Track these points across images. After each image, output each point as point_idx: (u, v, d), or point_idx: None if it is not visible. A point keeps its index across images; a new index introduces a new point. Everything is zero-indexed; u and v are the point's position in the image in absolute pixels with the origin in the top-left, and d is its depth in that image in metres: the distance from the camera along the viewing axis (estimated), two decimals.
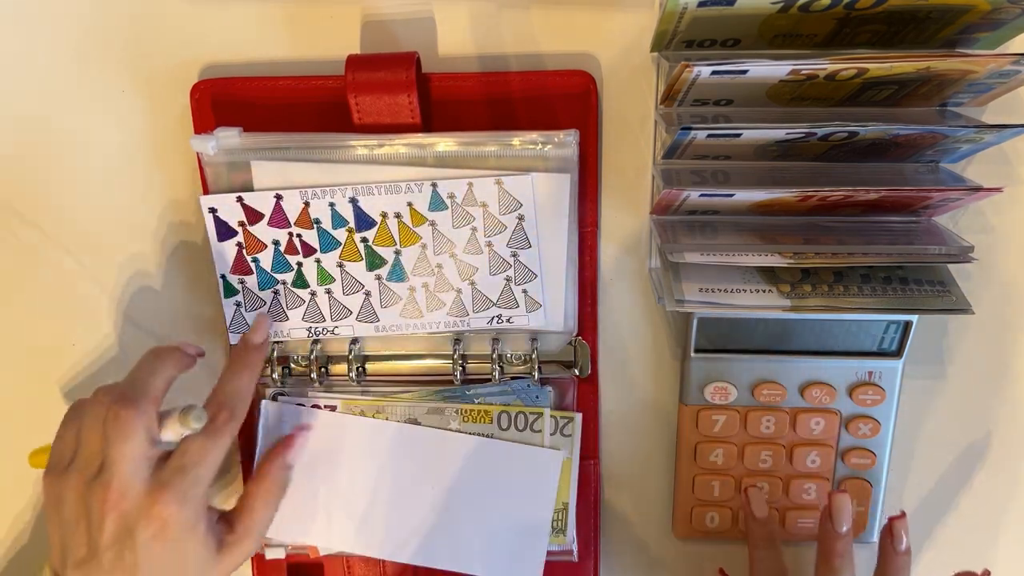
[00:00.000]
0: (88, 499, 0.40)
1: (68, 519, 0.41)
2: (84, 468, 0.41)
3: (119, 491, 0.40)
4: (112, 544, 0.40)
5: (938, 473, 0.51)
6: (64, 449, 0.42)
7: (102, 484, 0.40)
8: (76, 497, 0.41)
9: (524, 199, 0.44)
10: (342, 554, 0.51)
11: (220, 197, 0.45)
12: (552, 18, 0.45)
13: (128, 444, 0.40)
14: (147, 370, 0.43)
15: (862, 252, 0.41)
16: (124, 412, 0.40)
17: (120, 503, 0.40)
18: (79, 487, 0.41)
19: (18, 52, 0.47)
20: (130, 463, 0.40)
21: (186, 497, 0.41)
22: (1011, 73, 0.38)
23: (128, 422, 0.40)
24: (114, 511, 0.40)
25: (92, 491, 0.40)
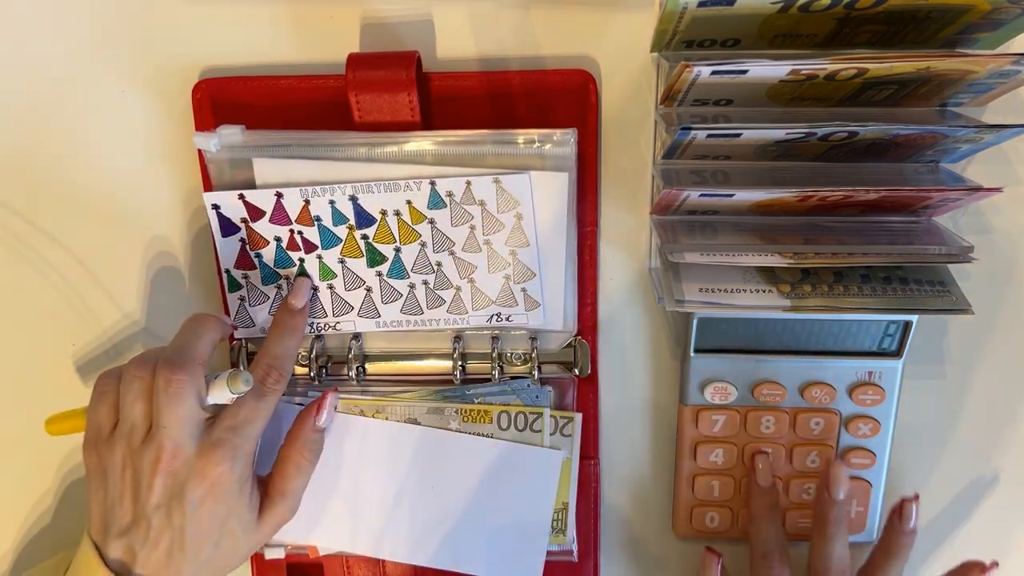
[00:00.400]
0: (137, 464, 0.41)
1: (114, 486, 0.42)
2: (131, 434, 0.41)
3: (171, 451, 0.41)
4: (161, 505, 0.41)
5: (938, 473, 0.51)
6: (102, 420, 0.42)
7: (154, 447, 0.41)
8: (123, 463, 0.42)
9: (522, 198, 0.44)
10: (342, 554, 0.51)
11: (222, 194, 0.45)
12: (552, 18, 0.45)
13: (180, 406, 0.41)
14: (192, 335, 0.44)
15: (862, 252, 0.41)
16: (175, 376, 0.41)
17: (172, 463, 0.41)
18: (126, 453, 0.41)
19: (18, 52, 0.47)
20: (182, 425, 0.41)
21: (236, 456, 0.42)
22: (1011, 73, 0.38)
23: (180, 385, 0.41)
24: (165, 471, 0.41)
25: (142, 455, 0.41)
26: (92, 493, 0.43)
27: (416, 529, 0.49)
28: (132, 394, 0.42)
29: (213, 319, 0.45)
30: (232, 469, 0.42)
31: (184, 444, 0.41)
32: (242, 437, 0.42)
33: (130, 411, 0.42)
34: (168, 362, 0.41)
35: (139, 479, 0.41)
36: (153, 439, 0.41)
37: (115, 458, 0.42)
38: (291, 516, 0.46)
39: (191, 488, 0.41)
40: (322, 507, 0.49)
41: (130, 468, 0.41)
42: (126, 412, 0.42)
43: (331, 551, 0.51)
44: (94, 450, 0.43)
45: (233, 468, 0.42)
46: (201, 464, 0.41)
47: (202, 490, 0.41)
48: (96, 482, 0.43)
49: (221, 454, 0.42)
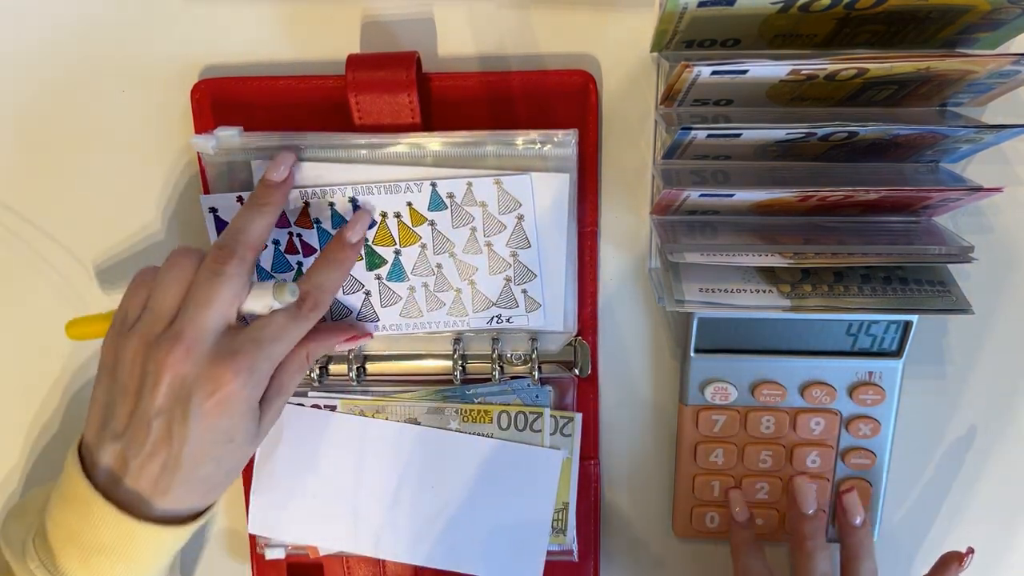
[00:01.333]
0: (148, 357, 0.38)
1: (120, 381, 0.38)
2: (152, 324, 0.38)
3: (185, 348, 0.37)
4: (163, 411, 0.38)
5: (938, 473, 0.51)
6: (130, 310, 0.39)
7: (169, 339, 0.37)
8: (134, 356, 0.38)
9: (523, 199, 0.44)
10: (342, 554, 0.51)
11: (220, 197, 0.45)
12: (552, 18, 0.45)
13: (217, 292, 0.38)
14: (245, 218, 0.40)
15: (862, 252, 0.41)
16: (227, 257, 0.38)
17: (183, 363, 0.37)
18: (141, 345, 0.38)
19: (18, 52, 0.47)
20: (210, 316, 0.38)
21: (252, 372, 0.38)
22: (1011, 73, 0.38)
23: (228, 266, 0.38)
24: (174, 370, 0.37)
25: (156, 348, 0.38)
26: (96, 389, 0.40)
27: (416, 529, 0.49)
28: (168, 279, 0.39)
29: (277, 200, 0.41)
30: (244, 386, 0.38)
31: (200, 342, 0.37)
32: (263, 353, 0.39)
33: (161, 297, 0.38)
34: (221, 244, 0.38)
35: (146, 376, 0.38)
36: (170, 330, 0.37)
37: (128, 348, 0.38)
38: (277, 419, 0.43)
39: (198, 396, 0.37)
40: (322, 507, 0.49)
41: (139, 361, 0.38)
42: (155, 298, 0.39)
43: (331, 551, 0.51)
44: (113, 342, 0.39)
45: (246, 385, 0.38)
46: (213, 371, 0.38)
47: (210, 401, 0.38)
48: (104, 376, 0.39)
49: (237, 365, 0.38)
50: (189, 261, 0.39)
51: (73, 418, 0.53)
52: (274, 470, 0.49)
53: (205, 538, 0.54)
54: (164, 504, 0.39)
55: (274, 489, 0.49)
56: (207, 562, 0.54)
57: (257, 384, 0.39)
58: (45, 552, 0.40)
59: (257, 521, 0.50)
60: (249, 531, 0.50)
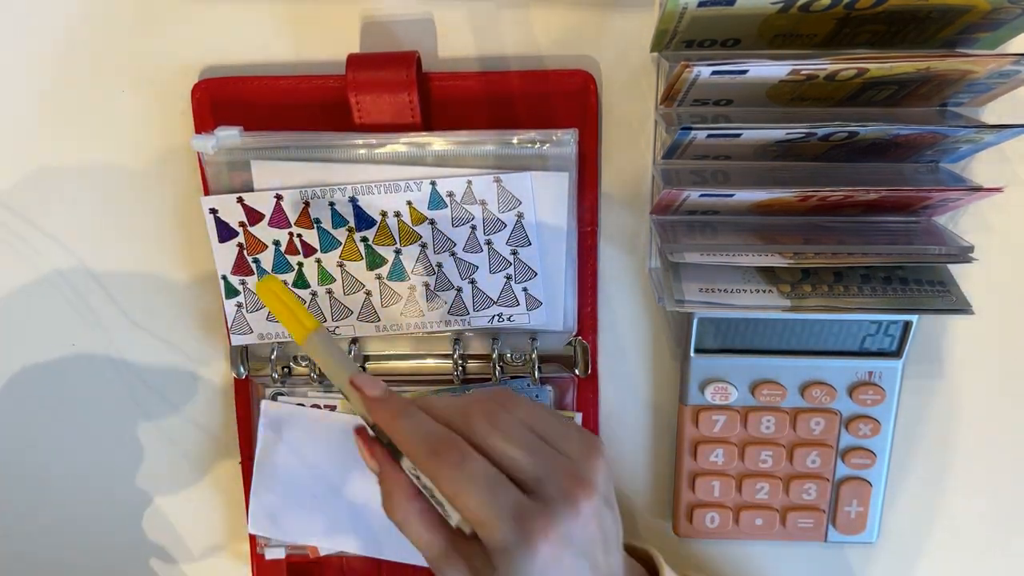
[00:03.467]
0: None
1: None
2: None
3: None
4: None
5: (938, 473, 0.51)
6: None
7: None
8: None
9: (523, 197, 0.44)
10: (342, 554, 0.51)
11: (221, 198, 0.45)
12: (552, 18, 0.45)
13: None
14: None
15: (862, 252, 0.41)
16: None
17: None
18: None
19: (18, 52, 0.47)
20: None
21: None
22: (1011, 73, 0.38)
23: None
24: None
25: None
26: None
27: None
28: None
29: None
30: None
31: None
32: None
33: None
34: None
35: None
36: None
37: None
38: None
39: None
40: (322, 507, 0.49)
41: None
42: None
43: (331, 551, 0.51)
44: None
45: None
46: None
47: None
48: None
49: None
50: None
51: (75, 420, 0.53)
52: (274, 470, 0.49)
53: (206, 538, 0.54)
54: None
55: (274, 489, 0.49)
56: (207, 562, 0.54)
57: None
58: None
59: (257, 521, 0.50)
60: (249, 531, 0.50)
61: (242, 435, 0.51)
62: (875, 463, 0.48)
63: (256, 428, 0.49)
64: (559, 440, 0.37)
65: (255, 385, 0.50)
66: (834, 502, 0.49)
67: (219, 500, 0.53)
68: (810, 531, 0.49)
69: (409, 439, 0.37)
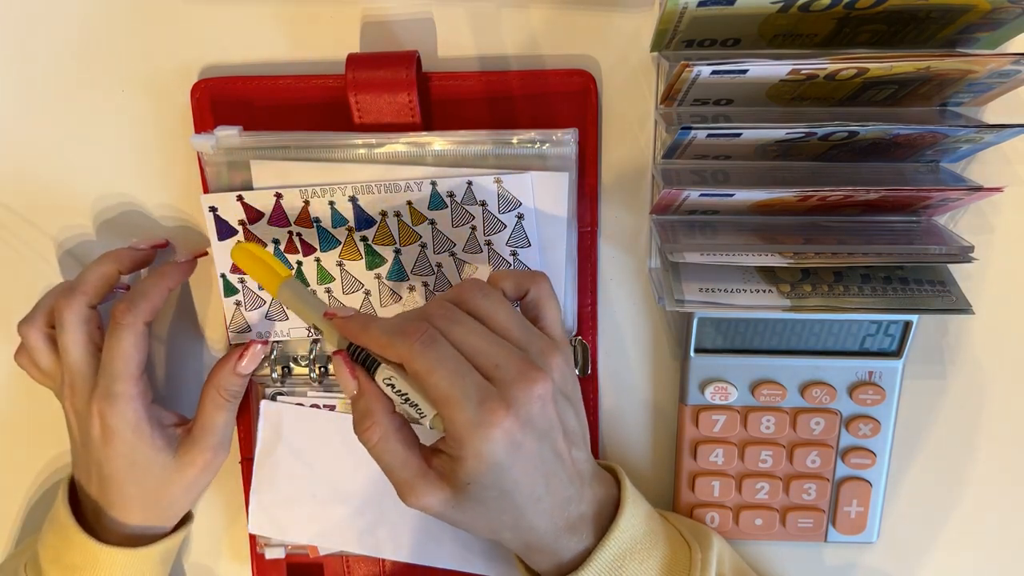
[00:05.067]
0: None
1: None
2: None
3: (69, 385, 0.45)
4: (78, 441, 0.46)
5: (938, 473, 0.51)
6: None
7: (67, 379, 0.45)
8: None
9: (523, 198, 0.44)
10: (342, 554, 0.51)
11: (220, 196, 0.45)
12: (552, 18, 0.45)
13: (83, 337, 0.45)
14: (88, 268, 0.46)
15: (862, 252, 0.41)
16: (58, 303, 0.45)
17: (74, 400, 0.45)
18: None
19: (18, 52, 0.47)
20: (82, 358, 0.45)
21: (109, 396, 0.43)
22: (1011, 73, 0.38)
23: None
24: (70, 408, 0.45)
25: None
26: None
27: (416, 529, 0.49)
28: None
29: (117, 251, 0.47)
30: (109, 411, 0.43)
31: (79, 379, 0.44)
32: (107, 378, 0.43)
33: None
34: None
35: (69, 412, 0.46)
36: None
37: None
38: (216, 455, 0.47)
39: (90, 429, 0.44)
40: (322, 507, 0.49)
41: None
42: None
43: (331, 551, 0.51)
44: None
45: (110, 409, 0.43)
46: (91, 407, 0.44)
47: (96, 432, 0.44)
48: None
49: (97, 395, 0.44)
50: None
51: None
52: (274, 470, 0.49)
53: (206, 538, 0.54)
54: (114, 526, 0.46)
55: (274, 489, 0.49)
56: (207, 562, 0.54)
57: (123, 406, 0.44)
58: (34, 570, 0.46)
59: (257, 521, 0.50)
60: (249, 531, 0.50)
61: (242, 435, 0.51)
62: (875, 463, 0.48)
63: (256, 428, 0.49)
64: (519, 336, 0.38)
65: (255, 385, 0.50)
66: (834, 502, 0.49)
67: (219, 500, 0.53)
68: (810, 531, 0.49)
69: (380, 334, 0.38)
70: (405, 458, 0.38)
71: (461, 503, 0.38)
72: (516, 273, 0.41)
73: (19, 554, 0.49)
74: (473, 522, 0.39)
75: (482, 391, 0.36)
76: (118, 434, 0.44)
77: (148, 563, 0.46)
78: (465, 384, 0.36)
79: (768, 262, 0.40)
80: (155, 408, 0.46)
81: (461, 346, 0.37)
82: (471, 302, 0.39)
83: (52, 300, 0.46)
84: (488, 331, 0.38)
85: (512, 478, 0.37)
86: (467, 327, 0.38)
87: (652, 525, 0.43)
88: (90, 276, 0.45)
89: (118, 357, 0.44)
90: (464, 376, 0.36)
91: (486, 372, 0.37)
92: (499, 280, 0.41)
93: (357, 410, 0.39)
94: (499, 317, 0.38)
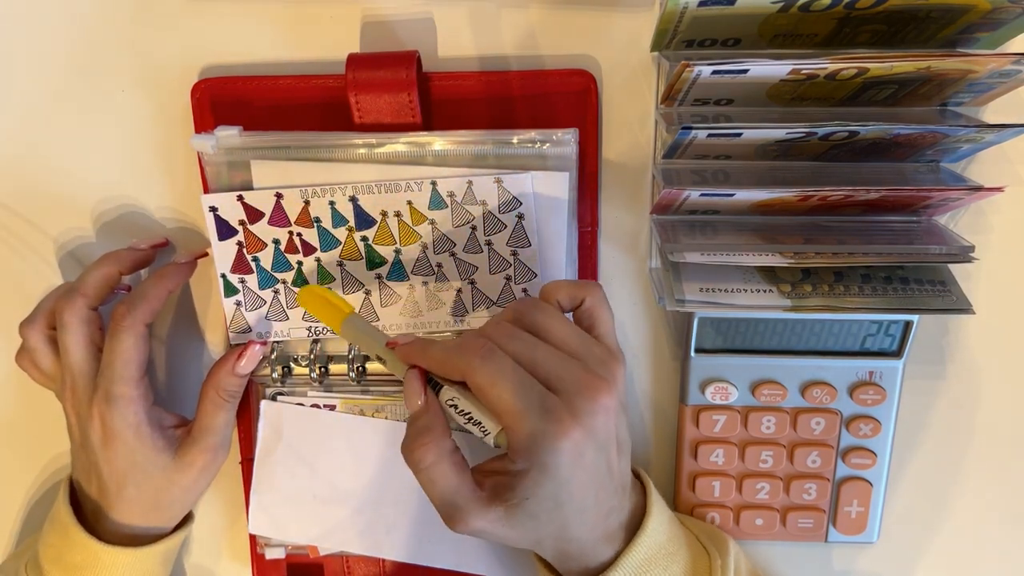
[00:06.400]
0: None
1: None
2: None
3: (71, 386, 0.45)
4: (78, 443, 0.46)
5: (938, 473, 0.51)
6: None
7: (68, 383, 0.45)
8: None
9: (523, 198, 0.44)
10: (342, 554, 0.51)
11: (221, 196, 0.45)
12: (552, 18, 0.45)
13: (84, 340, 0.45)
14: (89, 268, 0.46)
15: (862, 252, 0.41)
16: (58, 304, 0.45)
17: (76, 403, 0.45)
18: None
19: (18, 52, 0.47)
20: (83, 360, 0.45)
21: (110, 399, 0.43)
22: (1011, 73, 0.38)
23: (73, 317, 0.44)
24: (72, 412, 0.45)
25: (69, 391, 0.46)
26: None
27: (416, 529, 0.49)
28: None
29: (117, 253, 0.47)
30: (109, 413, 0.43)
31: (80, 381, 0.45)
32: (108, 380, 0.43)
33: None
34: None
35: (70, 416, 0.46)
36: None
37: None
38: (216, 456, 0.47)
39: (90, 431, 0.44)
40: (322, 507, 0.49)
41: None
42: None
43: (331, 551, 0.51)
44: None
45: (110, 411, 0.43)
46: (91, 409, 0.44)
47: (97, 434, 0.44)
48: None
49: (97, 397, 0.44)
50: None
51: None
52: (274, 470, 0.49)
53: (206, 538, 0.54)
54: (114, 527, 0.46)
55: (274, 489, 0.49)
56: (207, 562, 0.54)
57: (125, 409, 0.44)
58: (35, 570, 0.46)
59: (257, 521, 0.50)
60: (249, 531, 0.50)
61: (242, 435, 0.51)
62: (875, 463, 0.48)
63: (256, 428, 0.49)
64: (578, 347, 0.38)
65: (255, 385, 0.50)
66: (834, 502, 0.49)
67: (219, 500, 0.53)
68: (810, 531, 0.49)
69: (441, 353, 0.38)
70: (458, 483, 0.37)
71: (512, 519, 0.37)
72: (569, 284, 0.41)
73: (19, 554, 0.49)
74: (519, 537, 0.38)
75: (547, 402, 0.35)
76: (118, 436, 0.44)
77: (150, 563, 0.46)
78: (529, 395, 0.35)
79: (768, 262, 0.40)
80: (155, 410, 0.46)
81: (521, 359, 0.37)
82: (527, 318, 0.38)
83: (53, 301, 0.46)
84: (547, 344, 0.37)
85: (568, 490, 0.36)
86: (525, 341, 0.37)
87: (674, 531, 0.43)
88: (91, 277, 0.45)
89: (118, 359, 0.43)
90: (527, 388, 0.36)
91: (549, 384, 0.36)
92: (552, 292, 0.40)
93: (415, 426, 0.38)
94: (556, 329, 0.38)
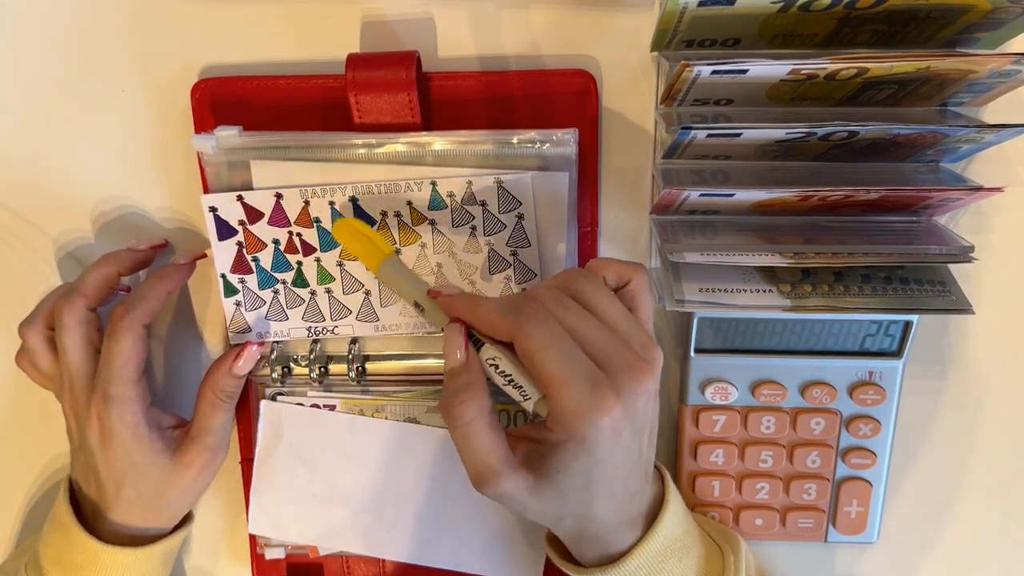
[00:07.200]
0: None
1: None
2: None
3: (68, 387, 0.45)
4: (76, 444, 0.46)
5: (938, 473, 0.51)
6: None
7: (66, 384, 0.46)
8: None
9: (523, 198, 0.44)
10: (342, 554, 0.51)
11: (220, 196, 0.45)
12: (552, 18, 0.45)
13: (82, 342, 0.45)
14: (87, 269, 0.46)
15: (862, 252, 0.41)
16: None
17: (74, 404, 0.45)
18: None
19: (18, 52, 0.47)
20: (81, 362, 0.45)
21: (108, 400, 0.43)
22: (1011, 73, 0.38)
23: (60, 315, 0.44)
24: (70, 413, 0.46)
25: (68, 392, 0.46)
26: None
27: (416, 529, 0.49)
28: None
29: (117, 253, 0.47)
30: (107, 413, 0.43)
31: (78, 382, 0.45)
32: (106, 380, 0.43)
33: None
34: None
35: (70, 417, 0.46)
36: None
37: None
38: (214, 456, 0.47)
39: (88, 432, 0.44)
40: (322, 507, 0.49)
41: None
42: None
43: (331, 551, 0.51)
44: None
45: (108, 412, 0.43)
46: (89, 410, 0.44)
47: (95, 435, 0.44)
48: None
49: (96, 398, 0.44)
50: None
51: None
52: (274, 470, 0.49)
53: (205, 539, 0.54)
54: (113, 527, 0.45)
55: (274, 489, 0.49)
56: (207, 562, 0.54)
57: (123, 409, 0.44)
58: (35, 570, 0.46)
59: (257, 521, 0.50)
60: (249, 531, 0.50)
61: (242, 435, 0.51)
62: (875, 463, 0.48)
63: (256, 428, 0.49)
64: (625, 327, 0.38)
65: (255, 385, 0.50)
66: (834, 502, 0.49)
67: (219, 500, 0.53)
68: (810, 531, 0.49)
69: (490, 311, 0.38)
70: (493, 443, 0.37)
71: (540, 491, 0.37)
72: (617, 262, 0.40)
73: (19, 554, 0.49)
74: (542, 510, 0.38)
75: (594, 375, 0.35)
76: (116, 436, 0.44)
77: (150, 563, 0.46)
78: (576, 366, 0.35)
79: (768, 262, 0.40)
80: (154, 410, 0.46)
81: (572, 329, 0.36)
82: (577, 289, 0.38)
83: (52, 302, 0.46)
84: (597, 320, 0.37)
85: (601, 469, 0.36)
86: (577, 313, 0.37)
87: (690, 524, 0.43)
88: (90, 278, 0.45)
89: (116, 359, 0.44)
90: (576, 359, 0.35)
91: (596, 359, 0.36)
92: (601, 268, 0.39)
93: (455, 383, 0.38)
94: (605, 306, 0.38)
